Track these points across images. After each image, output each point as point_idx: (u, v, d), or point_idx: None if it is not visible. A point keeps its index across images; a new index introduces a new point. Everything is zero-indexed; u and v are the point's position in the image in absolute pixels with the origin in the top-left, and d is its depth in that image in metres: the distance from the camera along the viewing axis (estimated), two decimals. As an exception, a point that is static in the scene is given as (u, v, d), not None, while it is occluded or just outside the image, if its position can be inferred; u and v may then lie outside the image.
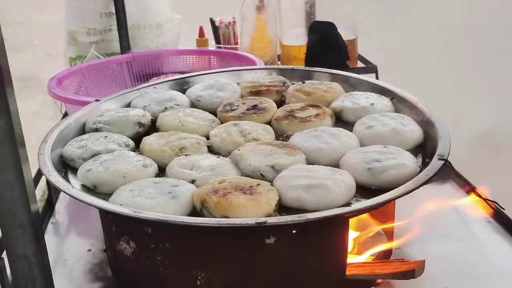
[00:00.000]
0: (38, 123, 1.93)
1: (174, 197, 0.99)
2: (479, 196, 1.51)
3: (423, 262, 1.01)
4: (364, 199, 1.04)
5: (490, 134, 1.84)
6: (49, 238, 1.49)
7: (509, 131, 1.88)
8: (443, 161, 1.06)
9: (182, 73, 2.25)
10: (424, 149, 1.21)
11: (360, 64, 2.31)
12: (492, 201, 1.33)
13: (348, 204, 1.01)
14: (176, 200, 0.99)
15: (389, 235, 1.30)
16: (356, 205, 0.94)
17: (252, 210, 0.95)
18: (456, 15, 2.12)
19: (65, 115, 1.99)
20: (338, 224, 0.98)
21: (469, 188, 1.55)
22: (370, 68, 2.23)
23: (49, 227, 1.55)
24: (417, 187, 0.99)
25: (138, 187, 1.03)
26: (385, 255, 1.25)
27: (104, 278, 1.31)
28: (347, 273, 1.04)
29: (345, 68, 2.20)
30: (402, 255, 1.32)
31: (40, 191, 2.14)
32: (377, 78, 2.21)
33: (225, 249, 1.00)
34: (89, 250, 1.41)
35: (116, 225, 1.10)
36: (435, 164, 1.06)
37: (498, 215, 1.44)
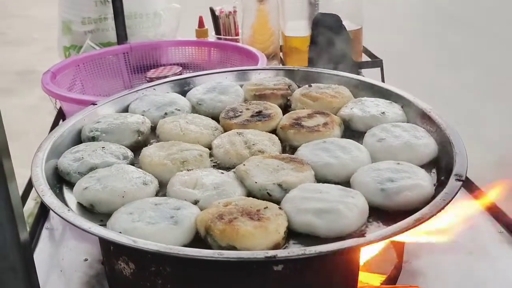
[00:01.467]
0: (37, 117, 1.88)
1: (176, 222, 0.93)
2: (489, 205, 1.47)
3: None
4: (377, 222, 0.98)
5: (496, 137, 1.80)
6: (44, 245, 1.44)
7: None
8: (461, 182, 1.00)
9: (181, 65, 2.19)
10: (438, 164, 1.16)
11: (365, 58, 2.24)
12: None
13: (361, 229, 0.96)
14: (178, 226, 0.93)
15: (398, 248, 1.25)
16: (370, 236, 0.88)
17: (260, 239, 0.89)
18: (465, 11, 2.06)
19: (60, 110, 1.92)
20: (350, 252, 0.92)
21: (479, 196, 1.50)
22: (376, 62, 2.16)
23: (44, 233, 1.49)
24: (434, 214, 0.93)
25: (138, 209, 0.97)
26: (396, 270, 1.20)
27: (99, 292, 1.26)
28: (358, 299, 0.99)
29: (350, 62, 2.14)
30: (411, 270, 1.28)
31: (34, 193, 2.09)
32: (382, 73, 2.15)
33: (230, 277, 0.94)
34: (86, 259, 1.36)
35: (114, 245, 1.04)
36: (452, 186, 1.00)
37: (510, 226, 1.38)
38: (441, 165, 1.14)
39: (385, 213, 1.01)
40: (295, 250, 0.84)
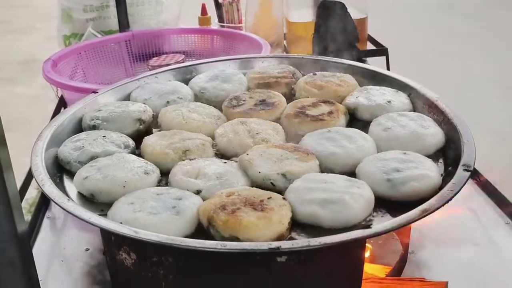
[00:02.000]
0: (39, 106, 1.87)
1: (178, 212, 0.91)
2: (496, 195, 1.45)
3: (446, 284, 0.94)
4: (383, 213, 0.96)
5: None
6: (45, 235, 1.43)
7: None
8: (469, 173, 0.98)
9: (184, 53, 2.16)
10: (446, 153, 1.13)
11: (370, 46, 2.21)
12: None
13: (366, 220, 0.94)
14: (180, 217, 0.91)
15: (404, 239, 1.23)
16: (376, 228, 0.86)
17: (263, 229, 0.87)
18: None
19: (61, 99, 1.90)
20: (355, 244, 0.90)
21: (485, 186, 1.48)
22: (381, 50, 2.13)
23: (45, 222, 1.48)
24: (442, 205, 0.91)
25: (139, 199, 0.95)
26: (401, 261, 1.19)
27: (103, 283, 1.24)
28: (362, 291, 0.98)
29: (355, 50, 2.11)
30: (416, 261, 1.26)
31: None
32: (387, 61, 2.12)
33: (233, 267, 0.93)
34: (87, 249, 1.34)
35: (115, 235, 1.03)
36: (460, 176, 0.98)
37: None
38: (449, 155, 1.12)
39: (391, 203, 0.99)
40: (299, 241, 0.82)
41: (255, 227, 0.87)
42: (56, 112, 1.84)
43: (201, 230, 0.93)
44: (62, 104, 1.90)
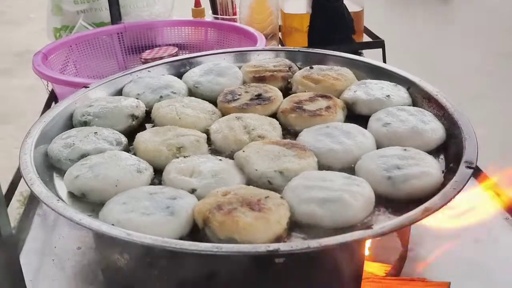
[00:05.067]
0: (35, 98, 1.83)
1: (172, 213, 0.88)
2: (495, 190, 1.42)
3: (449, 285, 0.92)
4: (384, 212, 0.94)
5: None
6: (36, 233, 1.39)
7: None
8: (471, 170, 0.95)
9: (177, 45, 2.12)
10: (447, 149, 1.10)
11: (366, 38, 2.18)
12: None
13: (366, 219, 0.91)
14: (175, 218, 0.88)
15: (403, 236, 1.21)
16: (377, 228, 0.83)
17: (261, 230, 0.84)
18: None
19: (52, 93, 1.86)
20: (356, 245, 0.88)
21: (484, 180, 1.46)
22: (377, 43, 2.10)
23: (36, 220, 1.44)
24: (444, 204, 0.88)
25: (132, 199, 0.92)
26: (400, 259, 1.16)
27: (95, 283, 1.21)
28: (362, 291, 0.95)
29: (351, 42, 2.08)
30: (415, 257, 1.23)
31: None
32: (383, 53, 2.09)
33: (230, 269, 0.90)
34: (79, 248, 1.31)
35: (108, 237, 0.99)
36: (463, 173, 0.95)
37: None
38: (450, 151, 1.09)
39: (392, 201, 0.96)
40: (298, 243, 0.79)
41: (253, 228, 0.84)
42: (47, 106, 1.81)
43: (196, 231, 0.90)
44: (53, 98, 1.86)
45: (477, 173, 1.47)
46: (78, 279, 1.23)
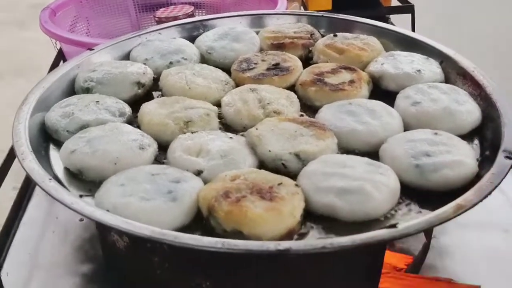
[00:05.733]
0: (49, 52, 1.75)
1: (174, 199, 0.79)
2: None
3: (479, 289, 0.83)
4: (409, 205, 0.84)
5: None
6: (38, 202, 1.33)
7: None
8: (511, 161, 0.85)
9: (193, 4, 2.00)
10: (482, 134, 1.00)
11: (395, 2, 2.04)
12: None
13: (390, 213, 0.82)
14: (177, 204, 0.79)
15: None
16: (403, 227, 0.73)
17: (272, 224, 0.75)
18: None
19: (60, 51, 1.77)
20: (377, 245, 0.78)
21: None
22: (406, 7, 1.96)
23: (38, 188, 1.37)
24: (480, 201, 0.78)
25: (131, 180, 0.83)
26: (423, 252, 1.07)
27: (95, 259, 1.14)
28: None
29: (378, 6, 1.95)
30: (438, 247, 1.14)
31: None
32: (413, 20, 1.95)
33: (235, 263, 0.82)
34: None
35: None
36: (501, 165, 0.84)
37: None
38: (486, 135, 0.98)
39: (419, 192, 0.87)
40: (312, 242, 0.71)
41: (263, 220, 0.75)
42: (54, 66, 1.71)
43: (201, 218, 0.81)
44: (61, 57, 1.77)
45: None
46: (78, 255, 1.17)
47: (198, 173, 0.87)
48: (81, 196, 0.86)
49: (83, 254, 1.17)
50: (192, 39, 1.31)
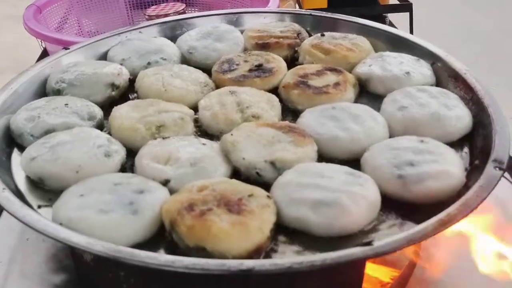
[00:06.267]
0: None
1: (135, 212, 0.74)
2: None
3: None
4: (389, 218, 0.79)
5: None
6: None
7: None
8: (501, 172, 0.79)
9: (185, 1, 1.96)
10: (472, 141, 0.94)
11: (393, 1, 1.98)
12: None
13: (367, 228, 0.76)
14: (137, 217, 0.73)
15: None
16: (378, 245, 0.67)
17: (237, 240, 0.70)
18: None
19: (45, 51, 1.72)
20: (352, 264, 0.72)
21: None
22: (404, 6, 1.90)
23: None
24: (465, 216, 0.72)
25: (91, 190, 0.77)
26: (410, 267, 1.01)
27: (68, 269, 1.08)
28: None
29: (375, 4, 1.89)
30: (427, 260, 1.08)
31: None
32: (411, 18, 1.89)
33: (203, 279, 0.76)
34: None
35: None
36: (490, 176, 0.78)
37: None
38: (476, 143, 0.92)
39: (400, 203, 0.81)
40: (278, 261, 0.65)
41: (227, 236, 0.69)
42: (39, 65, 1.66)
43: (163, 233, 0.75)
44: (45, 56, 1.71)
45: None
46: (51, 264, 1.12)
47: (165, 182, 0.82)
48: (39, 206, 0.81)
49: (57, 263, 1.11)
50: (174, 38, 1.26)
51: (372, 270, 0.99)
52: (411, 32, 1.86)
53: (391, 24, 1.89)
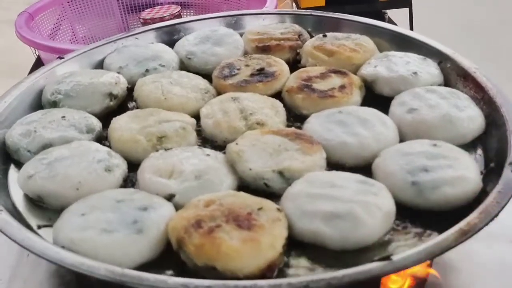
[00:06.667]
0: None
1: (140, 231, 0.70)
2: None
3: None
4: (405, 228, 0.75)
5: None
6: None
7: None
8: (519, 175, 0.76)
9: (180, 4, 1.91)
10: (486, 143, 0.90)
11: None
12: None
13: (383, 239, 0.73)
14: (142, 237, 0.70)
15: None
16: (398, 260, 0.64)
17: (249, 258, 0.66)
18: None
19: (39, 59, 1.68)
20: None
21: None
22: (403, 1, 1.87)
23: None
24: (486, 224, 0.69)
25: (93, 208, 0.74)
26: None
27: (70, 285, 1.05)
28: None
29: (373, 1, 1.86)
30: (441, 260, 1.05)
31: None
32: (410, 14, 1.85)
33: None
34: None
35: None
36: (509, 180, 0.75)
37: None
38: (490, 145, 0.89)
39: (414, 211, 0.78)
40: (293, 281, 0.61)
41: (238, 255, 0.66)
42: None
43: (170, 251, 0.72)
44: (40, 64, 1.68)
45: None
46: (53, 280, 1.08)
47: (170, 197, 0.78)
48: (39, 227, 0.77)
49: (59, 278, 1.08)
50: (172, 43, 1.22)
51: (385, 279, 0.96)
52: (411, 28, 1.83)
53: (390, 21, 1.86)
